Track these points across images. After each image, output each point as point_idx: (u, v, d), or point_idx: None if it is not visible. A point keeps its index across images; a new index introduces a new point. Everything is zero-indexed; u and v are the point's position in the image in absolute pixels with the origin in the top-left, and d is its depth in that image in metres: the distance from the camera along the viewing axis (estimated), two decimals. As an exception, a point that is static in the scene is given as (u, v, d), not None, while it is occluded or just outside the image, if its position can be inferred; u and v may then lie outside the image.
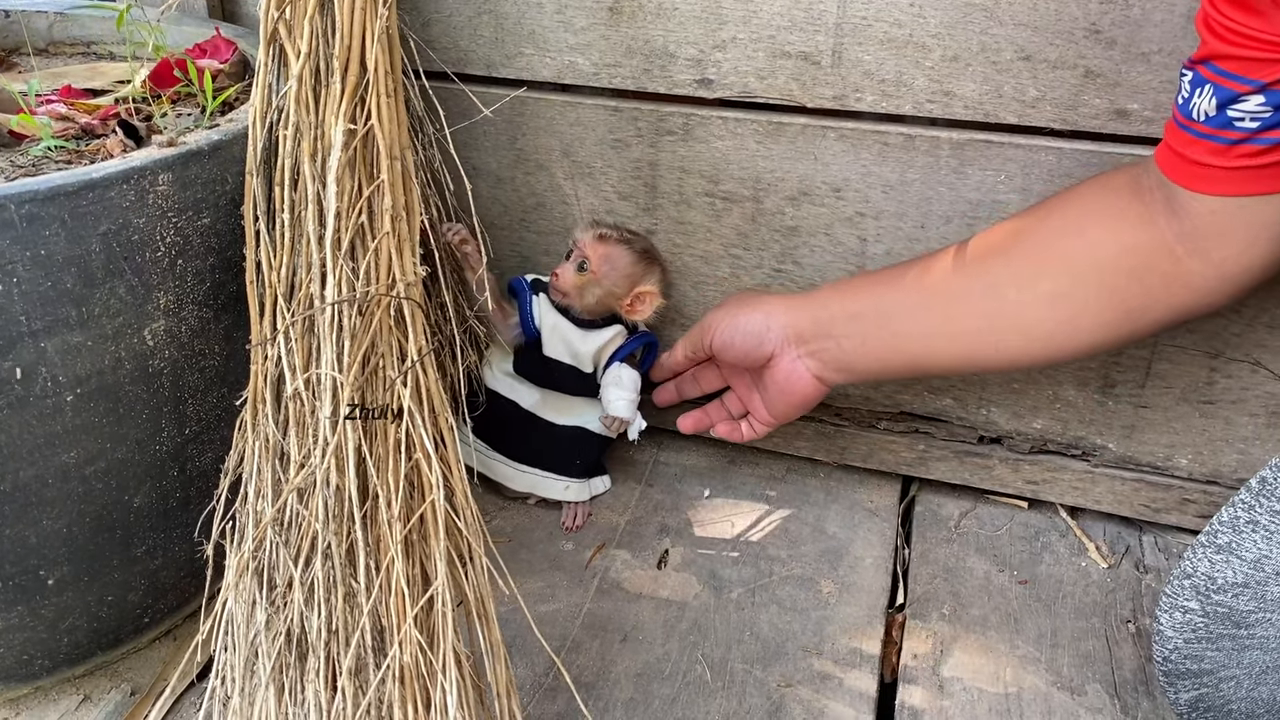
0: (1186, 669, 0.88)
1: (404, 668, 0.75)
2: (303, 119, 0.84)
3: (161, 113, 1.02)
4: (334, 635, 0.78)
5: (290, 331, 0.82)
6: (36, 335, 0.80)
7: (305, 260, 0.83)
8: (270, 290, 0.85)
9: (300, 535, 0.80)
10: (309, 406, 0.82)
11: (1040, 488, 1.27)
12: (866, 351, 1.09)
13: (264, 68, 0.87)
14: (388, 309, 0.82)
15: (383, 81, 0.84)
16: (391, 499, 0.78)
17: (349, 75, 0.83)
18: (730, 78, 1.16)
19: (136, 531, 0.95)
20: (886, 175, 1.16)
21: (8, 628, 0.93)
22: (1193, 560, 0.86)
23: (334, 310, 0.80)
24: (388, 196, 0.83)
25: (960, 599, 1.16)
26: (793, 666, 1.07)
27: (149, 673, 1.04)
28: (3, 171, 0.89)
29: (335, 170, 0.81)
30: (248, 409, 0.87)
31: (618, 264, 1.20)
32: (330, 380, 0.79)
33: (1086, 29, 1.03)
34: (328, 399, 0.79)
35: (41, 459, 0.85)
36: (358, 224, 0.82)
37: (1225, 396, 1.15)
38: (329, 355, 0.80)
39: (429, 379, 0.84)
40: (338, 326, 0.80)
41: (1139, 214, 0.93)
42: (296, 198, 0.85)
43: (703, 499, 1.31)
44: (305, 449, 0.81)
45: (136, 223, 0.83)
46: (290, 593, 0.80)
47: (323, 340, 0.80)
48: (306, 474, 0.79)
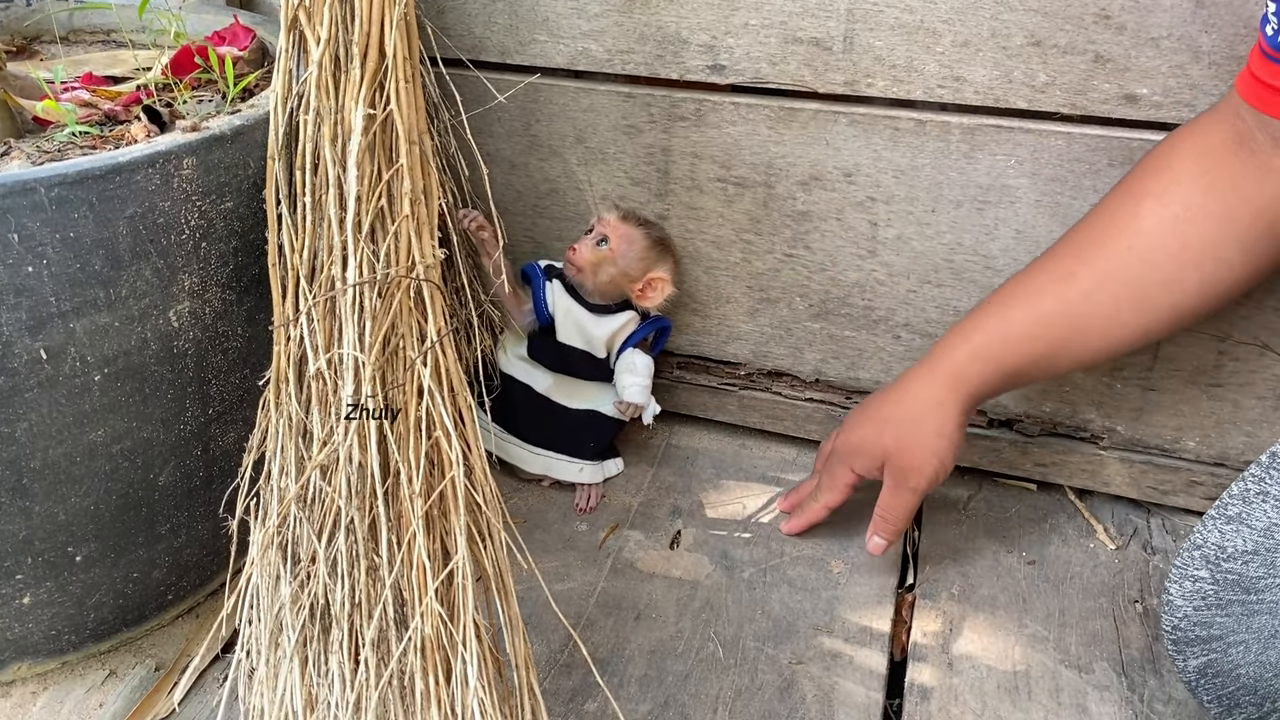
0: (1195, 635, 0.90)
1: (425, 639, 0.77)
2: (323, 104, 0.85)
3: (183, 99, 1.03)
4: (357, 608, 0.80)
5: (312, 313, 0.84)
6: (65, 316, 0.82)
7: (326, 243, 0.84)
8: (292, 272, 0.87)
9: (323, 511, 0.82)
10: (331, 385, 0.83)
11: (1049, 470, 1.28)
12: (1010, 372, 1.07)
13: (285, 53, 0.88)
14: (407, 290, 0.84)
15: (401, 67, 0.85)
16: (412, 475, 0.80)
17: (368, 61, 0.85)
18: (742, 64, 1.18)
19: (161, 509, 0.97)
20: (898, 160, 1.17)
21: (37, 603, 0.95)
22: (1203, 532, 0.87)
23: (355, 292, 0.81)
24: (406, 180, 0.84)
25: (969, 579, 1.17)
26: (804, 644, 1.08)
27: (173, 649, 1.06)
28: (30, 156, 0.91)
29: (355, 154, 0.82)
30: (271, 388, 0.89)
31: (635, 246, 1.22)
32: (352, 360, 0.81)
33: (1096, 14, 1.04)
34: (350, 378, 0.81)
35: (70, 437, 0.87)
36: (377, 207, 0.84)
37: (1233, 379, 1.16)
38: (351, 336, 0.81)
39: (448, 359, 0.85)
40: (359, 308, 0.82)
41: (1256, 166, 0.92)
42: (317, 181, 0.86)
43: (714, 481, 1.33)
44: (328, 427, 0.83)
45: (162, 206, 0.85)
46: (314, 567, 0.82)
47: (344, 321, 0.82)
48: (329, 451, 0.81)
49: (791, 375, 1.35)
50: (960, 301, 1.22)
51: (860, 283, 1.25)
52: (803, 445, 1.39)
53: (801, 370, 1.34)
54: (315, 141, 0.86)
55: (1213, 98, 1.04)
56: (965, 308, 1.21)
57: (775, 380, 1.36)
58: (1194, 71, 1.04)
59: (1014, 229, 1.16)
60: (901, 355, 1.28)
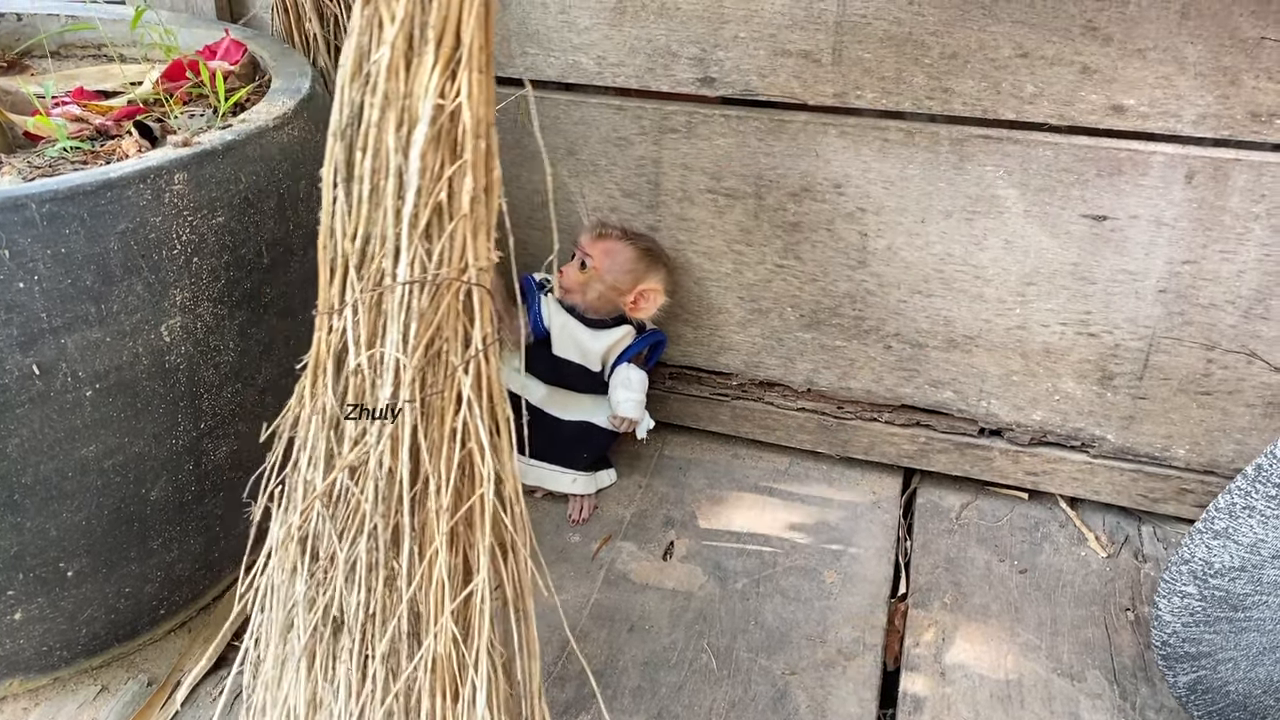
0: (1185, 652, 0.90)
1: (437, 657, 0.76)
2: (392, 88, 0.79)
3: (174, 114, 1.03)
4: (371, 618, 0.79)
5: (358, 304, 0.80)
6: (57, 332, 0.82)
7: (380, 232, 0.80)
8: (341, 258, 0.82)
9: (348, 511, 0.80)
10: (369, 382, 0.80)
11: (1040, 479, 1.29)
12: None
13: (358, 29, 0.81)
14: (457, 293, 0.80)
15: (476, 56, 0.79)
16: (441, 487, 0.78)
17: (443, 46, 0.78)
18: (732, 76, 1.18)
19: (153, 524, 0.97)
20: (887, 171, 1.17)
21: (28, 619, 0.95)
22: (1190, 546, 0.87)
23: (404, 290, 0.78)
24: (469, 177, 0.79)
25: (962, 588, 1.18)
26: (797, 655, 1.08)
27: (165, 664, 1.06)
28: (21, 172, 0.91)
29: (420, 146, 0.77)
30: (307, 375, 0.85)
31: (619, 259, 1.22)
32: (393, 361, 0.78)
33: (1083, 26, 1.05)
34: (389, 378, 0.78)
35: (62, 453, 0.87)
36: (435, 202, 0.79)
37: (1222, 388, 1.17)
38: (394, 335, 0.78)
39: (490, 368, 0.82)
40: (405, 307, 0.79)
41: None
42: (377, 166, 0.81)
43: (707, 491, 1.33)
44: (362, 426, 0.80)
45: (153, 221, 0.85)
46: (332, 568, 0.80)
47: (390, 319, 0.79)
48: (360, 452, 0.79)
49: (783, 385, 1.36)
50: (951, 311, 1.22)
51: (851, 293, 1.25)
52: (795, 455, 1.39)
53: (793, 380, 1.34)
54: (380, 127, 0.80)
55: (1199, 108, 1.05)
56: (956, 317, 1.22)
57: (767, 390, 1.37)
58: (1180, 82, 1.05)
59: (1003, 239, 1.16)
60: (893, 365, 1.28)
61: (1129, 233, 1.12)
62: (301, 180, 0.99)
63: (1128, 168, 1.09)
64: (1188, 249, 1.11)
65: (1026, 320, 1.20)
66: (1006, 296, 1.19)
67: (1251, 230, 1.08)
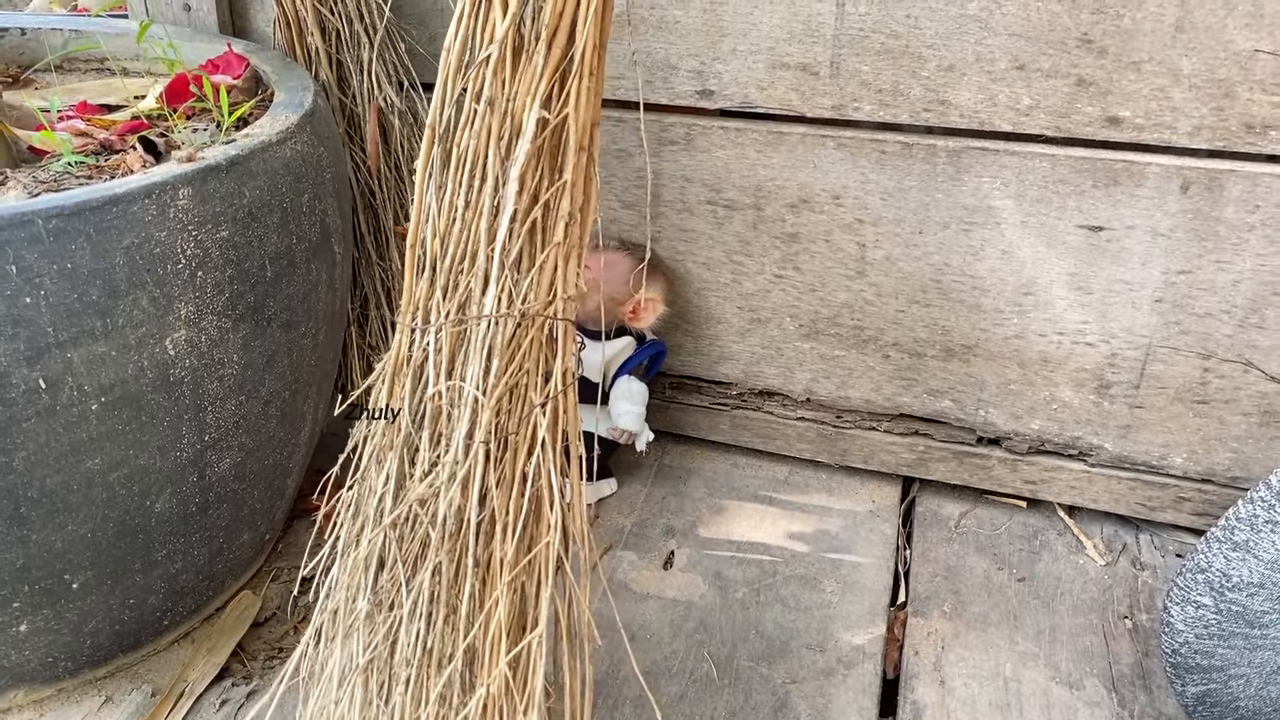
0: (1196, 664, 0.89)
1: (489, 701, 0.73)
2: (498, 93, 0.71)
3: (178, 129, 1.04)
4: (428, 654, 0.76)
5: (443, 332, 0.74)
6: (63, 346, 0.83)
7: (469, 249, 0.74)
8: (429, 268, 0.76)
9: (414, 538, 0.77)
10: (447, 410, 0.76)
11: (1038, 487, 1.29)
12: None
13: (464, 21, 0.72)
14: (542, 327, 0.74)
15: (589, 60, 0.70)
16: (509, 532, 0.73)
17: (554, 49, 0.69)
18: (731, 88, 1.19)
19: (157, 536, 0.98)
20: (884, 182, 1.18)
21: (33, 631, 0.95)
22: (1207, 555, 0.85)
23: (489, 324, 0.73)
24: (567, 199, 0.72)
25: (961, 597, 1.18)
26: (797, 664, 1.09)
27: (169, 674, 1.07)
28: (26, 187, 0.92)
29: (521, 163, 0.69)
30: (384, 383, 0.80)
31: (616, 269, 1.23)
32: (472, 399, 0.72)
33: (1079, 39, 1.06)
34: (466, 414, 0.73)
35: (67, 466, 0.87)
36: (531, 219, 0.73)
37: (1218, 396, 1.18)
38: (475, 370, 0.72)
39: (569, 406, 0.77)
40: (488, 343, 0.72)
41: None
42: (474, 181, 0.73)
43: (707, 500, 1.34)
44: (437, 452, 0.75)
45: (158, 236, 0.86)
46: (395, 594, 0.77)
47: (472, 351, 0.73)
48: (429, 487, 0.74)
49: (782, 394, 1.36)
50: (948, 321, 1.23)
51: (849, 303, 1.26)
52: (794, 464, 1.40)
53: (792, 390, 1.35)
54: (480, 136, 0.72)
55: (1194, 120, 1.06)
56: (953, 327, 1.23)
57: (766, 400, 1.37)
58: (1175, 94, 1.06)
59: (1000, 249, 1.17)
60: (891, 374, 1.29)
61: (1125, 243, 1.13)
62: (304, 194, 1.00)
63: (1124, 179, 1.10)
64: (1184, 259, 1.12)
65: (1024, 330, 1.21)
66: (1004, 306, 1.20)
67: (1247, 240, 1.09)
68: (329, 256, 1.05)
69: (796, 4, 1.13)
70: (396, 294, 1.27)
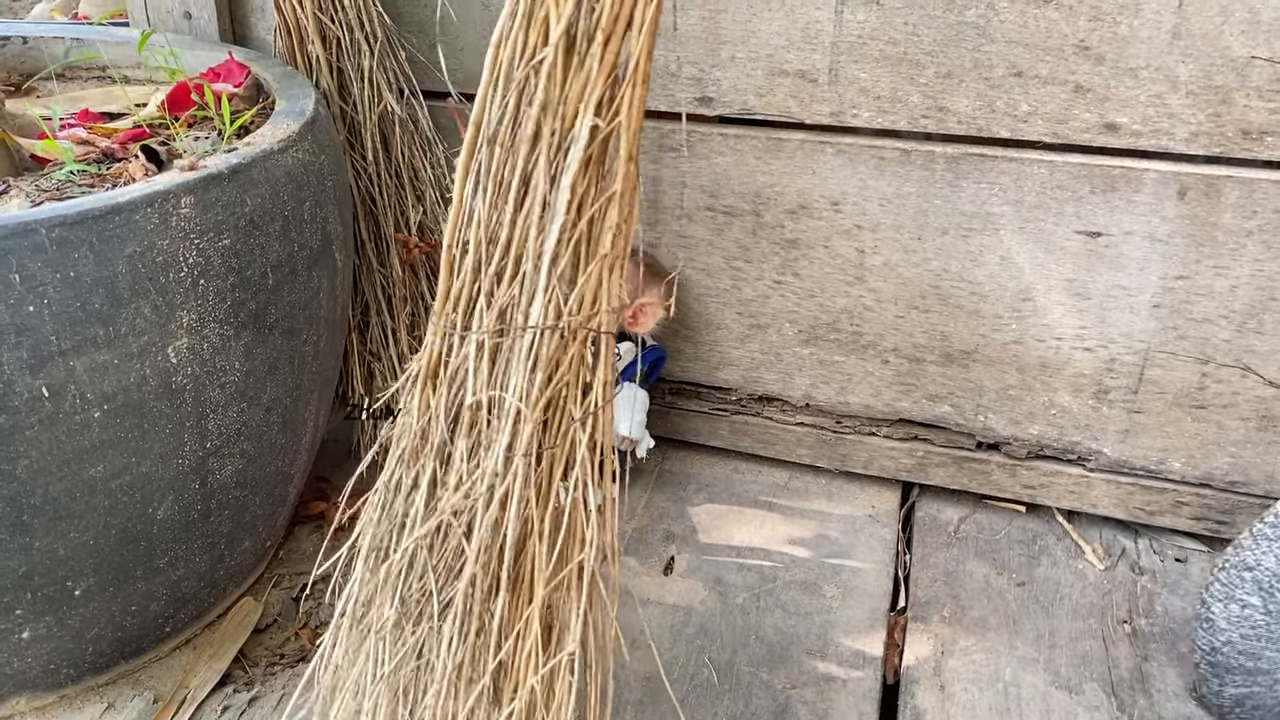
0: (1239, 665, 0.86)
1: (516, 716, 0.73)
2: (551, 98, 0.67)
3: (180, 137, 1.05)
4: (459, 668, 0.74)
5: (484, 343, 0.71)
6: (66, 354, 0.83)
7: (514, 254, 0.71)
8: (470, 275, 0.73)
9: (446, 548, 0.74)
10: (486, 420, 0.73)
11: (1037, 492, 1.30)
12: None
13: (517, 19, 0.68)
14: (585, 340, 0.72)
15: (642, 65, 0.67)
16: (545, 549, 0.71)
17: (608, 53, 0.66)
18: (730, 95, 1.20)
19: (159, 543, 0.98)
20: (883, 189, 1.19)
21: (36, 638, 0.96)
22: (1255, 552, 0.81)
23: (533, 335, 0.70)
24: (614, 210, 0.69)
25: (960, 601, 1.19)
26: (798, 669, 1.09)
27: (170, 680, 1.07)
28: (29, 196, 0.92)
29: (574, 172, 0.66)
30: (417, 386, 0.76)
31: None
32: (513, 410, 0.69)
33: (1075, 45, 1.07)
34: (508, 426, 0.69)
35: (70, 473, 0.88)
36: (578, 230, 0.70)
37: (1216, 401, 1.18)
38: (518, 381, 0.69)
39: (606, 418, 0.73)
40: (534, 353, 0.70)
41: None
42: (523, 187, 0.70)
43: (707, 506, 1.34)
44: (476, 459, 0.72)
45: (160, 244, 0.86)
46: (425, 603, 0.75)
47: (514, 362, 0.70)
48: (467, 497, 0.72)
49: (782, 400, 1.37)
50: (947, 326, 1.23)
51: (848, 309, 1.27)
52: (794, 469, 1.40)
53: (791, 395, 1.36)
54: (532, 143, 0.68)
55: (1191, 126, 1.07)
56: (952, 332, 1.23)
57: (766, 405, 1.38)
58: (1172, 100, 1.06)
59: (999, 255, 1.18)
60: (890, 379, 1.29)
61: (1123, 249, 1.14)
62: (306, 202, 1.00)
63: (1121, 185, 1.11)
64: (1181, 264, 1.13)
65: (1022, 335, 1.21)
66: (1002, 312, 1.21)
67: (1244, 246, 1.10)
68: (330, 264, 1.06)
69: (795, 11, 1.13)
70: (397, 300, 1.28)
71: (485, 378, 0.71)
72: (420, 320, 1.29)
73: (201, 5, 1.32)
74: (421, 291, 1.29)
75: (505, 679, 0.74)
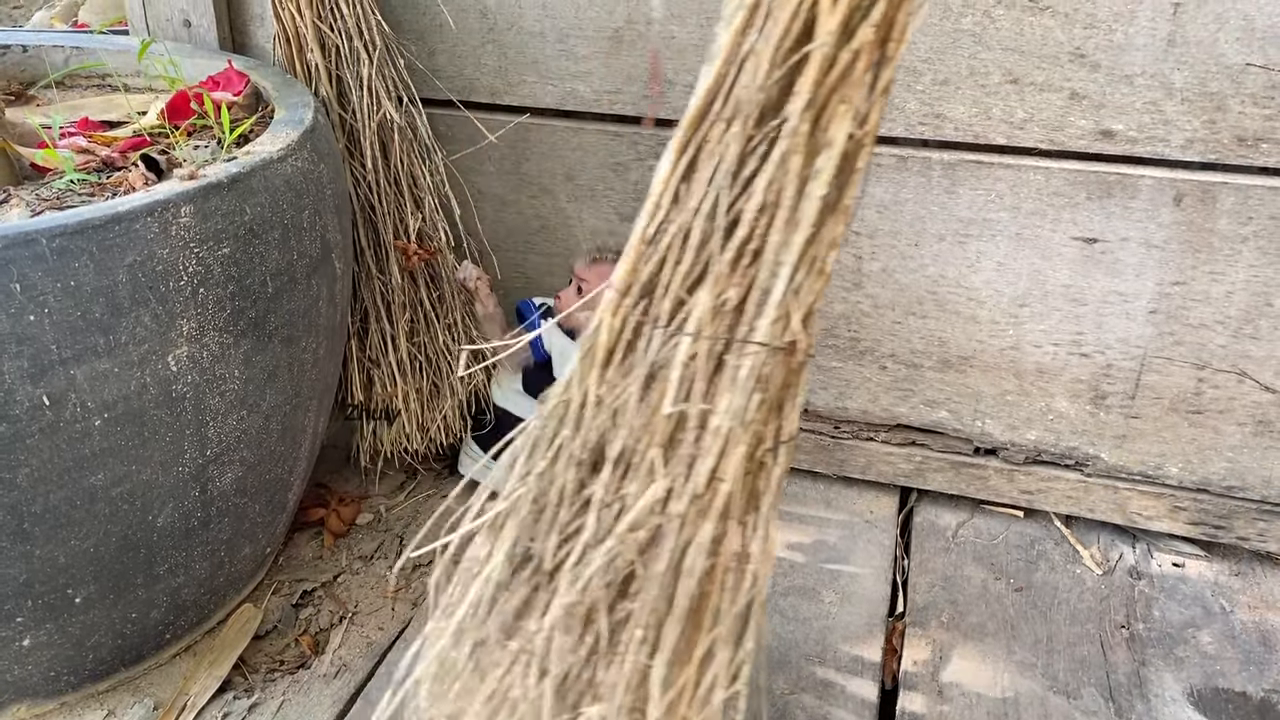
0: None
1: None
2: (818, 98, 0.61)
3: (180, 146, 1.05)
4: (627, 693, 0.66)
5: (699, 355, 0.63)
6: (66, 363, 0.83)
7: (741, 235, 0.64)
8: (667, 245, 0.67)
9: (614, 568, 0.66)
10: (692, 435, 0.65)
11: (1035, 497, 1.30)
12: None
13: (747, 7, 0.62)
14: (800, 368, 0.66)
15: (893, 64, 0.62)
16: (723, 586, 0.66)
17: (887, 54, 0.61)
18: (728, 103, 1.20)
19: (160, 550, 0.99)
20: (880, 195, 1.19)
21: (36, 645, 0.96)
22: None
23: (757, 353, 0.63)
24: (841, 225, 0.64)
25: (958, 607, 1.19)
26: (796, 674, 1.09)
27: (170, 687, 1.07)
28: (29, 205, 0.93)
29: (826, 179, 0.59)
30: (592, 374, 0.67)
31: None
32: (727, 431, 0.63)
33: (1071, 53, 1.07)
34: (715, 448, 0.62)
35: (70, 482, 0.88)
36: (812, 246, 0.63)
37: (1213, 406, 1.18)
38: (738, 402, 0.62)
39: (781, 464, 0.67)
40: (759, 374, 0.63)
41: None
42: (768, 198, 0.62)
43: (706, 512, 1.34)
44: (673, 478, 0.64)
45: (161, 253, 0.87)
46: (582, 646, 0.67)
47: (735, 383, 0.63)
48: (654, 513, 0.63)
49: (780, 406, 1.37)
50: (945, 332, 1.24)
51: (846, 314, 1.27)
52: (792, 474, 1.41)
53: (790, 401, 1.36)
54: (792, 148, 0.60)
55: (1186, 133, 1.07)
56: (950, 338, 1.24)
57: (764, 411, 1.38)
58: (1168, 107, 1.07)
59: (996, 261, 1.18)
60: (888, 385, 1.30)
61: (1119, 255, 1.14)
62: (305, 210, 1.00)
63: (1117, 191, 1.11)
64: (1177, 270, 1.13)
65: (1020, 341, 1.22)
66: (1000, 318, 1.21)
67: (1240, 252, 1.10)
68: (329, 272, 1.06)
69: (792, 19, 1.14)
70: (396, 307, 1.28)
71: (699, 388, 0.64)
72: (419, 327, 1.30)
73: (201, 13, 1.33)
74: (420, 298, 1.29)
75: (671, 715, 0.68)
